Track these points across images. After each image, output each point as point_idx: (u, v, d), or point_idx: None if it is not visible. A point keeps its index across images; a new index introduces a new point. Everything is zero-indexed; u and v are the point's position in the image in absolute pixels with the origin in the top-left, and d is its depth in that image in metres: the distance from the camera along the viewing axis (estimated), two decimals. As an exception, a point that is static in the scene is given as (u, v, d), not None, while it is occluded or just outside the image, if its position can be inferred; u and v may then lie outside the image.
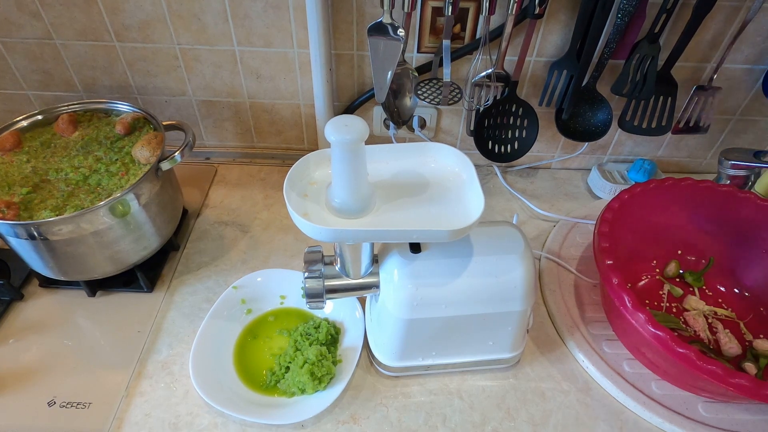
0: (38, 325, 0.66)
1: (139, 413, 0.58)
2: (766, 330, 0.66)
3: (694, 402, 0.59)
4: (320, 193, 0.51)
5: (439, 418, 0.59)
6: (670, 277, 0.72)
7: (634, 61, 0.72)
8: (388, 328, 0.57)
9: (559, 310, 0.69)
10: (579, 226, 0.81)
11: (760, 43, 0.74)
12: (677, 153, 0.90)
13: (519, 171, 0.93)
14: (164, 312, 0.68)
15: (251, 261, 0.75)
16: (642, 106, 0.77)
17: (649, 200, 0.68)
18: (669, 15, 0.67)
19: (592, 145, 0.89)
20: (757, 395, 0.47)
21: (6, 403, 0.58)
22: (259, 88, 0.83)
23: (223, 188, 0.88)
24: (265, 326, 0.67)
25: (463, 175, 0.53)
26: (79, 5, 0.73)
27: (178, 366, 0.62)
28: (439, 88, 0.76)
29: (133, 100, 0.84)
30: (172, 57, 0.79)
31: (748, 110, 0.83)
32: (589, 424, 0.58)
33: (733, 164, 0.72)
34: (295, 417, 0.56)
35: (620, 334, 0.64)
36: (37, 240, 0.59)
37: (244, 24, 0.75)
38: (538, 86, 0.80)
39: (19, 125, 0.69)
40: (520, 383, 0.62)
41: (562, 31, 0.74)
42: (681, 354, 0.49)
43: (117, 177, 0.63)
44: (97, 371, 0.62)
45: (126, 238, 0.64)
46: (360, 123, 0.44)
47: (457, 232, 0.47)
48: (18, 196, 0.60)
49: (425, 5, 0.71)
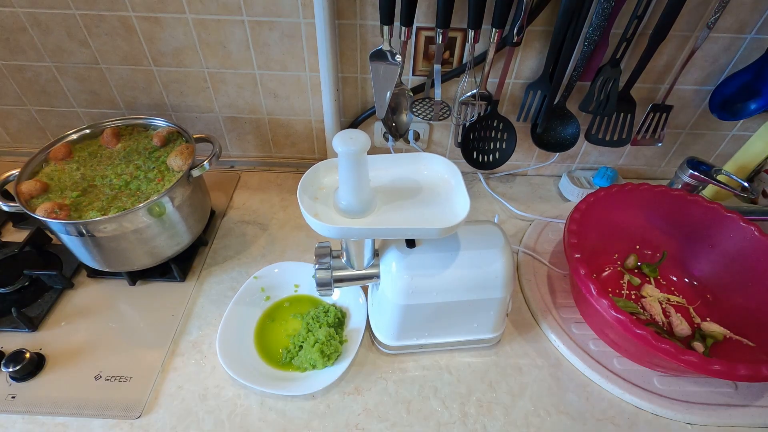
0: (86, 310, 0.66)
1: (173, 386, 0.58)
2: (711, 314, 0.66)
3: (650, 376, 0.59)
4: (329, 197, 0.51)
5: (431, 389, 0.59)
6: (629, 269, 0.72)
7: (598, 83, 0.72)
8: (387, 312, 0.57)
9: (534, 297, 0.69)
10: (551, 225, 0.81)
11: (707, 67, 0.74)
12: (636, 162, 0.90)
13: (500, 177, 0.93)
14: (194, 299, 0.68)
15: (269, 255, 0.75)
16: (605, 121, 0.77)
17: (612, 202, 0.67)
18: (629, 43, 0.67)
19: (563, 155, 0.88)
20: (704, 370, 0.47)
21: (59, 377, 0.58)
22: (276, 105, 0.83)
23: (246, 192, 0.88)
24: (282, 311, 0.67)
25: (452, 181, 0.53)
26: (122, 35, 0.73)
27: (207, 345, 0.62)
28: (431, 106, 0.76)
29: (168, 117, 0.84)
30: (202, 79, 0.79)
31: (697, 125, 0.83)
32: (559, 395, 0.58)
33: (691, 174, 0.72)
34: (307, 389, 0.56)
35: (587, 317, 0.64)
36: (85, 237, 0.59)
37: (263, 51, 0.75)
38: (516, 104, 0.80)
39: (70, 138, 0.69)
40: (500, 360, 0.62)
41: (536, 57, 0.74)
42: (639, 335, 0.49)
43: (154, 182, 0.63)
44: (136, 350, 0.62)
45: (162, 235, 0.64)
46: (363, 136, 0.44)
47: (446, 230, 0.47)
48: (69, 199, 0.60)
49: (419, 35, 0.71)
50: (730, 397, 0.58)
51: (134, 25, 0.72)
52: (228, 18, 0.71)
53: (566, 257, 0.59)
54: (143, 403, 0.56)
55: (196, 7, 0.70)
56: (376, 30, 0.72)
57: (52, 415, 0.55)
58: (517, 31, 0.65)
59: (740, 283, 0.64)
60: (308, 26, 0.71)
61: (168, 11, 0.70)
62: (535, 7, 0.67)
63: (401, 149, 0.88)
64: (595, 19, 0.63)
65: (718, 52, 0.72)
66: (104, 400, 0.56)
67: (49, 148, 0.67)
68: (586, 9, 0.63)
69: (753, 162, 0.75)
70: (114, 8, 0.70)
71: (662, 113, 0.77)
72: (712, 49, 0.72)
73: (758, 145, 0.74)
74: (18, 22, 0.72)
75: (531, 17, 0.68)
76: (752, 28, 0.69)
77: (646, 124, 0.78)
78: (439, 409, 0.57)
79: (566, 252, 0.59)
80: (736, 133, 0.84)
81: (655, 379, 0.59)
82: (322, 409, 0.56)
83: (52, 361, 0.60)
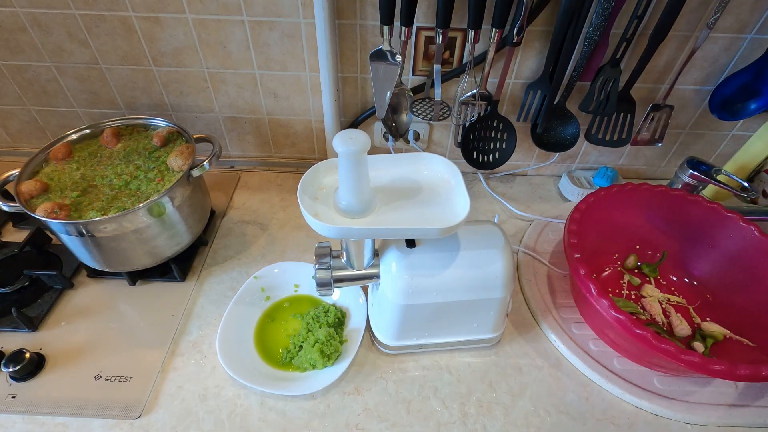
0: (86, 310, 0.66)
1: (173, 386, 0.58)
2: (711, 314, 0.66)
3: (650, 376, 0.59)
4: (329, 197, 0.51)
5: (431, 389, 0.59)
6: (629, 269, 0.72)
7: (598, 83, 0.72)
8: (387, 312, 0.57)
9: (534, 297, 0.69)
10: (551, 225, 0.81)
11: (707, 67, 0.74)
12: (636, 162, 0.90)
13: (500, 177, 0.93)
14: (195, 299, 0.68)
15: (269, 255, 0.75)
16: (605, 121, 0.77)
17: (612, 203, 0.67)
18: (629, 43, 0.67)
19: (563, 155, 0.88)
20: (704, 370, 0.47)
21: (59, 377, 0.58)
22: (276, 105, 0.83)
23: (246, 192, 0.87)
24: (282, 311, 0.67)
25: (452, 181, 0.53)
26: (122, 35, 0.73)
27: (207, 345, 0.62)
28: (431, 106, 0.76)
29: (167, 117, 0.84)
30: (202, 79, 0.79)
31: (697, 125, 0.83)
32: (559, 395, 0.58)
33: (691, 174, 0.72)
34: (308, 389, 0.56)
35: (587, 317, 0.64)
36: (85, 237, 0.59)
37: (263, 51, 0.75)
38: (516, 104, 0.80)
39: (70, 138, 0.69)
40: (500, 360, 0.62)
41: (536, 57, 0.74)
42: (639, 335, 0.49)
43: (154, 182, 0.63)
44: (136, 350, 0.62)
45: (162, 235, 0.64)
46: (363, 136, 0.44)
47: (446, 230, 0.47)
48: (69, 199, 0.60)
49: (419, 35, 0.71)
50: (730, 397, 0.57)
51: (134, 25, 0.72)
52: (228, 18, 0.71)
53: (566, 257, 0.59)
54: (143, 403, 0.56)
55: (196, 7, 0.69)
56: (376, 30, 0.72)
57: (52, 415, 0.55)
58: (517, 31, 0.65)
59: (740, 283, 0.64)
60: (308, 26, 0.71)
61: (168, 11, 0.70)
62: (535, 7, 0.67)
63: (401, 149, 0.88)
64: (595, 19, 0.63)
65: (718, 52, 0.72)
66: (104, 400, 0.56)
67: (49, 148, 0.67)
68: (586, 9, 0.63)
69: (753, 162, 0.75)
70: (114, 8, 0.70)
71: (662, 114, 0.77)
72: (712, 49, 0.72)
73: (758, 145, 0.74)
74: (18, 22, 0.72)
75: (531, 17, 0.68)
76: (752, 28, 0.69)
77: (646, 124, 0.78)
78: (439, 409, 0.57)
79: (566, 252, 0.59)
80: (736, 133, 0.84)
81: (655, 379, 0.59)
82: (322, 409, 0.56)
83: (52, 361, 0.60)
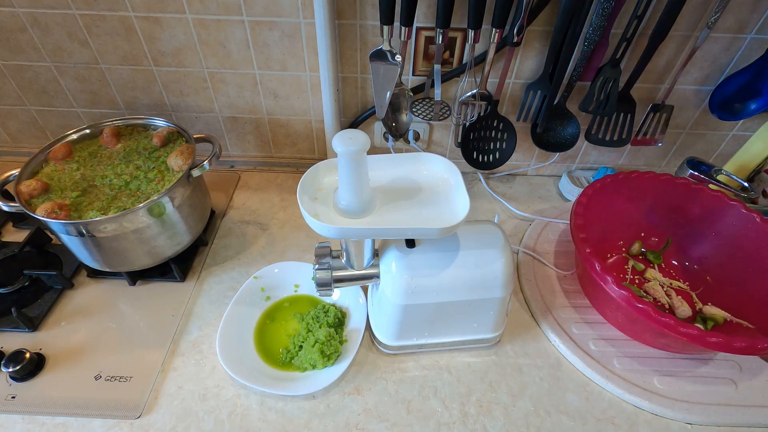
0: (86, 310, 0.66)
1: (173, 385, 0.58)
2: (713, 298, 0.66)
3: (650, 376, 0.59)
4: (328, 197, 0.51)
5: (431, 389, 0.59)
6: (634, 255, 0.73)
7: (598, 83, 0.72)
8: (387, 312, 0.57)
9: (534, 297, 0.69)
10: (551, 225, 0.80)
11: (707, 67, 0.74)
12: (636, 162, 0.90)
13: (499, 177, 0.93)
14: (194, 299, 0.68)
15: (269, 255, 0.75)
16: (605, 121, 0.77)
17: (617, 189, 0.68)
18: (629, 43, 0.67)
19: (563, 155, 0.88)
20: (702, 342, 0.48)
21: (59, 377, 0.58)
22: (276, 105, 0.83)
23: (246, 192, 0.87)
24: (282, 311, 0.67)
25: (451, 181, 0.53)
26: (122, 35, 0.73)
27: (207, 345, 0.62)
28: (431, 106, 0.76)
29: (167, 117, 0.84)
30: (202, 79, 0.79)
31: (697, 125, 0.83)
32: (559, 395, 0.58)
33: (691, 173, 0.72)
34: (307, 389, 0.56)
35: (592, 299, 0.64)
36: (85, 237, 0.59)
37: (263, 51, 0.75)
38: (516, 104, 0.80)
39: (69, 138, 0.69)
40: (500, 360, 0.62)
41: (536, 57, 0.74)
42: (640, 309, 0.50)
43: (154, 182, 0.63)
44: (136, 350, 0.62)
45: (162, 235, 0.64)
46: (363, 136, 0.44)
47: (446, 230, 0.47)
48: (69, 199, 0.60)
49: (419, 35, 0.71)
50: (730, 397, 0.57)
51: (134, 25, 0.72)
52: (228, 18, 0.71)
53: (572, 237, 0.59)
54: (143, 403, 0.56)
55: (196, 7, 0.69)
56: (376, 30, 0.72)
57: (52, 415, 0.55)
58: (517, 31, 0.65)
59: (742, 269, 0.64)
60: (308, 26, 0.71)
61: (168, 11, 0.70)
62: (535, 7, 0.67)
63: (401, 149, 0.88)
64: (595, 19, 0.63)
65: (718, 52, 0.72)
66: (104, 400, 0.56)
67: (49, 148, 0.67)
68: (586, 9, 0.63)
69: (753, 162, 0.75)
70: (114, 8, 0.70)
71: (662, 113, 0.77)
72: (712, 49, 0.72)
73: (758, 145, 0.74)
74: (18, 22, 0.72)
75: (531, 17, 0.68)
76: (752, 28, 0.69)
77: (646, 124, 0.78)
78: (439, 409, 0.57)
79: (572, 233, 0.59)
80: (736, 133, 0.84)
81: (655, 379, 0.59)
82: (322, 409, 0.56)
83: (52, 361, 0.60)
